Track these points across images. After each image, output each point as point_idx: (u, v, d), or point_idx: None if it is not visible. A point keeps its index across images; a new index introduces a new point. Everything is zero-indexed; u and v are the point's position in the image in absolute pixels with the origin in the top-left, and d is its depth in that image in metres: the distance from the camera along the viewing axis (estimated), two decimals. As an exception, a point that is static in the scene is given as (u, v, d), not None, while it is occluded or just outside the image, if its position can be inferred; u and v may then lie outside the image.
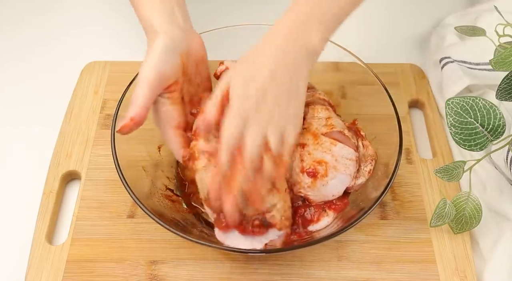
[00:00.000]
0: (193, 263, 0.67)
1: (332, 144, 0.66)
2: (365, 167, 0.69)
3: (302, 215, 0.67)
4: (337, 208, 0.67)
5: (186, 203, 0.70)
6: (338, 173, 0.66)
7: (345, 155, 0.67)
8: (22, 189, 0.76)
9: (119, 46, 0.94)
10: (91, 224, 0.70)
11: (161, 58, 0.63)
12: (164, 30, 0.64)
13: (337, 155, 0.66)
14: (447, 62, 0.82)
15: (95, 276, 0.66)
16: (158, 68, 0.63)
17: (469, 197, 0.67)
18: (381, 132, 0.72)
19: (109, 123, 0.80)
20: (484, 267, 0.67)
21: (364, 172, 0.69)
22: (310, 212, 0.67)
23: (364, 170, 0.69)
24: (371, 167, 0.70)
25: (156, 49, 0.64)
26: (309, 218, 0.67)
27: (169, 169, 0.73)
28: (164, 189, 0.71)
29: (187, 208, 0.70)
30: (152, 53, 0.64)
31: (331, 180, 0.66)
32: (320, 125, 0.68)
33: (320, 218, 0.67)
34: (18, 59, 0.92)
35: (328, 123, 0.68)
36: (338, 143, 0.66)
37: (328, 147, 0.66)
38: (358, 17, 0.96)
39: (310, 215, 0.67)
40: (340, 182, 0.67)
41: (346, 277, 0.66)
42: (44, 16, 0.98)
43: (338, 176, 0.66)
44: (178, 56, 0.65)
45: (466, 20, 0.88)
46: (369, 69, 0.74)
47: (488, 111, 0.63)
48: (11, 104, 0.86)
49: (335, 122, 0.69)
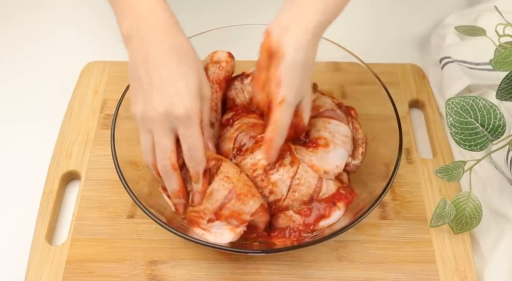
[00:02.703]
0: (193, 263, 0.67)
1: (325, 121, 0.67)
2: (357, 150, 0.70)
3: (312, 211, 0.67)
4: (347, 200, 0.67)
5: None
6: (337, 146, 0.67)
7: (341, 132, 0.68)
8: (22, 189, 0.76)
9: (119, 46, 0.93)
10: (91, 224, 0.70)
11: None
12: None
13: (333, 131, 0.68)
14: (447, 62, 0.82)
15: (95, 276, 0.66)
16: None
17: (469, 197, 0.67)
18: (381, 132, 0.72)
19: (109, 123, 0.80)
20: (484, 267, 0.67)
21: (358, 154, 0.70)
22: (321, 207, 0.66)
23: (358, 152, 0.70)
24: (363, 150, 0.71)
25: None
26: (321, 214, 0.66)
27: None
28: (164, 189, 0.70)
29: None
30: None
31: (332, 151, 0.67)
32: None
33: (331, 213, 0.66)
34: (18, 59, 0.92)
35: (314, 105, 0.70)
36: (332, 120, 0.68)
37: (322, 125, 0.67)
38: (358, 17, 0.96)
39: (322, 210, 0.66)
40: (341, 154, 0.68)
41: (346, 277, 0.66)
42: (44, 16, 0.98)
43: (337, 149, 0.67)
44: None
45: (466, 20, 0.88)
46: (369, 69, 0.74)
47: (488, 111, 0.63)
48: (11, 104, 0.86)
49: (320, 102, 0.70)
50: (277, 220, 0.66)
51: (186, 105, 0.59)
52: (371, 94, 0.74)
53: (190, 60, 0.61)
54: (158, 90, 0.59)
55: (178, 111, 0.59)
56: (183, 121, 0.59)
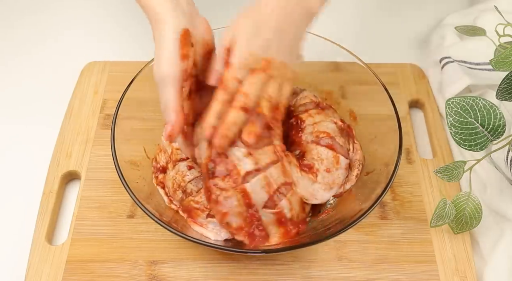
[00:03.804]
0: (193, 263, 0.67)
1: (323, 152, 0.68)
2: (352, 172, 0.70)
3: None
4: (287, 234, 0.65)
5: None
6: (323, 187, 0.67)
7: (335, 175, 0.68)
8: (22, 189, 0.76)
9: (119, 46, 0.94)
10: (91, 224, 0.70)
11: (176, 49, 0.60)
12: (169, 16, 0.60)
13: (327, 166, 0.67)
14: (447, 62, 0.82)
15: (95, 276, 0.66)
16: (177, 61, 0.60)
17: (469, 197, 0.67)
18: (381, 132, 0.72)
19: (109, 123, 0.80)
20: (484, 267, 0.67)
21: (352, 177, 0.70)
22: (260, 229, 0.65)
23: (352, 175, 0.70)
24: (358, 171, 0.70)
25: (169, 39, 0.60)
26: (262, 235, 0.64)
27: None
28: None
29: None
30: (165, 44, 0.60)
31: (318, 187, 0.67)
32: (307, 133, 0.70)
33: (270, 239, 0.64)
34: (18, 59, 0.92)
35: (315, 130, 0.69)
36: (330, 151, 0.68)
37: (319, 154, 0.67)
38: (358, 17, 0.96)
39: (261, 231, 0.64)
40: (324, 195, 0.68)
41: (346, 277, 0.66)
42: (44, 16, 0.98)
43: (322, 190, 0.67)
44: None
45: (466, 20, 0.88)
46: (369, 69, 0.74)
47: (488, 111, 0.63)
48: (11, 104, 0.86)
49: (322, 126, 0.70)
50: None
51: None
52: (371, 94, 0.74)
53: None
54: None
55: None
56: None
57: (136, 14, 0.98)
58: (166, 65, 0.60)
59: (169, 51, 0.60)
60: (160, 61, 0.60)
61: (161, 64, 0.60)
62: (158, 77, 0.60)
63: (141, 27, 0.77)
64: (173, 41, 0.60)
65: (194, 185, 0.68)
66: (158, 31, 0.60)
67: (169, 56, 0.59)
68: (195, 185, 0.68)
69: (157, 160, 0.72)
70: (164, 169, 0.71)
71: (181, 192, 0.68)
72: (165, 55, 0.60)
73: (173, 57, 0.60)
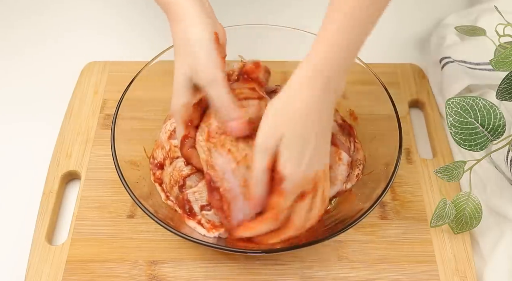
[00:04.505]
0: (193, 263, 0.67)
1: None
2: (353, 171, 0.70)
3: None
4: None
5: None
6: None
7: (338, 171, 0.68)
8: (22, 189, 0.76)
9: (119, 46, 0.94)
10: (91, 224, 0.70)
11: (215, 50, 0.60)
12: (204, 17, 0.60)
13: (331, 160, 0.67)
14: (447, 62, 0.82)
15: (95, 276, 0.66)
16: (220, 62, 0.60)
17: (469, 197, 0.67)
18: (381, 132, 0.72)
19: (109, 123, 0.80)
20: (484, 267, 0.67)
21: (353, 176, 0.70)
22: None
23: (353, 174, 0.70)
24: (359, 171, 0.70)
25: (207, 40, 0.60)
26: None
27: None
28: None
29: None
30: (203, 47, 0.60)
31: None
32: None
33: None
34: (18, 59, 0.92)
35: None
36: (331, 146, 0.67)
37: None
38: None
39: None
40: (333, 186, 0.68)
41: (346, 277, 0.66)
42: (44, 16, 0.98)
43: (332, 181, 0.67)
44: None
45: (466, 20, 0.88)
46: (369, 69, 0.74)
47: (488, 111, 0.63)
48: (11, 104, 0.86)
49: None
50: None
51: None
52: (371, 94, 0.74)
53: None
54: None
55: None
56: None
57: (136, 14, 0.99)
58: (212, 68, 0.60)
59: (209, 54, 0.60)
60: (204, 63, 0.60)
61: (208, 67, 0.60)
62: (206, 80, 0.60)
63: (141, 27, 0.77)
64: (211, 43, 0.60)
65: (191, 180, 0.68)
66: (186, 31, 0.60)
67: (211, 58, 0.60)
68: (191, 181, 0.68)
69: (154, 156, 0.72)
70: (162, 165, 0.71)
71: (178, 188, 0.68)
72: (206, 58, 0.59)
73: (215, 59, 0.60)
